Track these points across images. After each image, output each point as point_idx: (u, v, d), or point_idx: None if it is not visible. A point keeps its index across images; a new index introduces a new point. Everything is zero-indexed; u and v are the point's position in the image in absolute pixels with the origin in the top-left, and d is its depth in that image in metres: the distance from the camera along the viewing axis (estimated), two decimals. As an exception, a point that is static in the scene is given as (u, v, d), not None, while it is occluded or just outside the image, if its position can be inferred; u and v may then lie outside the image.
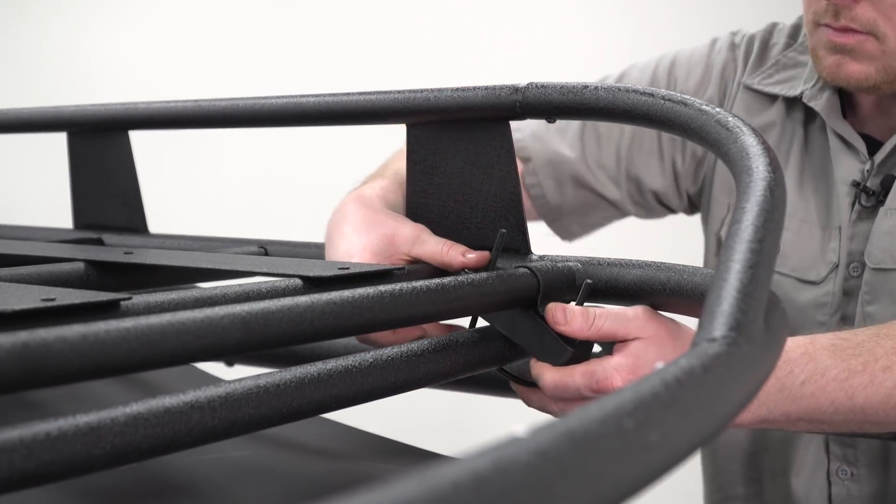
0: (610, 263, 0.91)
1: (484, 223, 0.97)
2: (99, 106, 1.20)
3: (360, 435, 1.02)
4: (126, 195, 1.20)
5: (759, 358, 0.56)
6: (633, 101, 0.86)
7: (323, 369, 0.73)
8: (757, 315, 0.58)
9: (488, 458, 0.37)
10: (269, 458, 0.91)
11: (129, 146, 1.19)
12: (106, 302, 0.67)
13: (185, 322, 0.60)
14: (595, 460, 0.40)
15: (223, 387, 0.67)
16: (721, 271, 0.60)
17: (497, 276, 0.84)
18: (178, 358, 0.61)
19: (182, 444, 0.64)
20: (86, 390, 1.06)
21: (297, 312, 0.65)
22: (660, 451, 0.44)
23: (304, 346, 1.19)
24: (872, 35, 1.21)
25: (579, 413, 0.42)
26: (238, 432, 0.68)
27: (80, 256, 0.91)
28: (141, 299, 0.70)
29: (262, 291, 0.76)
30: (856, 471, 1.33)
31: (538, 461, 0.38)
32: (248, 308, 0.63)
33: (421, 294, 0.74)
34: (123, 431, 0.61)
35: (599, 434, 0.41)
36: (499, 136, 0.94)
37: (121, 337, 0.57)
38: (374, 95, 0.97)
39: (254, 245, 1.06)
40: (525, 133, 1.49)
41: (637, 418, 0.43)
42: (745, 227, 0.64)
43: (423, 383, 0.82)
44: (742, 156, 0.74)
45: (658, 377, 0.47)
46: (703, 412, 0.48)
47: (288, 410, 0.70)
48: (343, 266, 0.84)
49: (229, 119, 1.07)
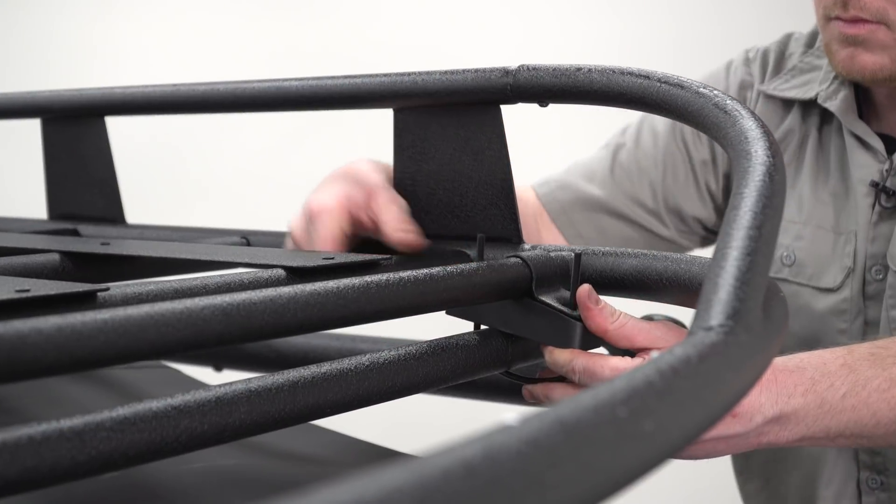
0: (605, 253, 0.92)
1: (474, 211, 0.97)
2: (74, 91, 1.20)
3: (352, 443, 1.02)
4: (103, 184, 1.20)
5: (756, 347, 0.57)
6: (629, 83, 0.87)
7: (317, 373, 0.74)
8: (755, 303, 0.59)
9: (478, 446, 0.38)
10: (256, 468, 0.92)
11: (106, 133, 1.20)
12: (82, 293, 0.68)
13: (164, 313, 0.60)
14: (587, 449, 0.41)
15: (213, 390, 0.68)
16: (718, 258, 0.61)
17: (488, 267, 0.85)
18: (157, 350, 0.61)
19: (170, 451, 0.65)
20: (63, 395, 1.07)
21: (279, 304, 0.66)
22: (654, 441, 0.45)
23: (297, 349, 1.20)
24: (883, 24, 1.25)
25: (572, 401, 0.43)
26: (228, 438, 0.68)
27: (55, 248, 0.92)
28: (118, 290, 0.70)
29: (244, 282, 0.76)
30: (885, 479, 1.35)
31: (529, 449, 0.39)
32: (229, 299, 0.64)
33: (408, 285, 0.75)
34: (109, 437, 0.61)
35: (592, 422, 0.42)
36: (489, 121, 0.95)
37: (98, 329, 0.57)
38: (359, 79, 0.98)
39: (236, 235, 1.07)
40: (552, 186, 1.51)
41: (631, 407, 0.44)
42: (743, 213, 0.65)
43: (422, 388, 0.83)
44: (741, 140, 0.75)
45: (653, 366, 0.48)
46: (698, 401, 0.49)
47: (281, 415, 0.71)
48: (328, 256, 0.85)
49: (209, 104, 1.08)
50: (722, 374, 0.52)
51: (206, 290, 0.74)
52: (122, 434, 0.62)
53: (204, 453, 0.69)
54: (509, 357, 0.91)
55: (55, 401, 1.04)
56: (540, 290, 0.89)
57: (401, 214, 0.98)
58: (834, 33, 1.29)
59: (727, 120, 0.78)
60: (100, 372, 1.15)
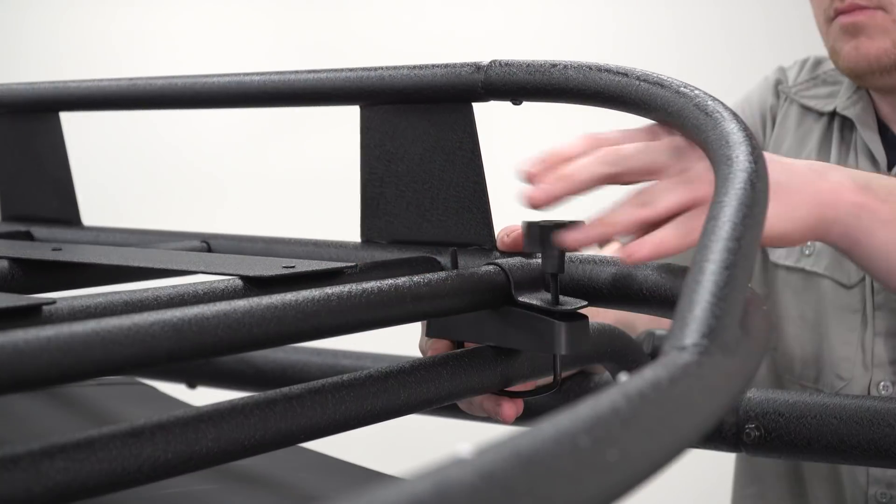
0: (583, 261, 0.91)
1: (446, 215, 0.96)
2: (26, 85, 1.19)
3: (332, 464, 1.01)
4: (57, 183, 1.19)
5: (733, 368, 0.56)
6: (606, 81, 0.86)
7: (291, 395, 0.73)
8: (732, 320, 0.58)
9: (429, 481, 0.38)
10: (235, 493, 0.91)
11: (60, 129, 1.19)
12: (26, 307, 0.67)
13: (110, 330, 0.60)
14: (545, 482, 0.40)
15: (178, 415, 0.67)
16: (694, 272, 0.61)
17: (458, 276, 0.83)
18: (104, 369, 0.61)
19: (132, 481, 0.64)
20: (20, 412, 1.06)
21: (234, 318, 0.65)
22: (619, 472, 0.44)
23: (275, 365, 1.19)
24: (881, 8, 1.34)
25: (531, 430, 0.42)
26: (195, 467, 0.68)
27: (4, 253, 0.91)
28: (65, 303, 0.69)
29: (199, 294, 0.75)
30: None
31: (483, 484, 0.38)
32: (180, 314, 0.63)
33: (371, 296, 0.74)
34: (67, 467, 0.61)
35: (551, 453, 0.41)
36: (461, 120, 0.94)
37: (41, 347, 0.57)
38: (323, 74, 0.97)
39: (196, 239, 1.06)
40: None
41: (594, 436, 0.43)
42: (721, 224, 0.64)
43: (405, 411, 0.82)
44: (721, 144, 0.74)
45: (619, 390, 0.47)
46: (667, 429, 0.48)
47: (251, 443, 0.70)
48: (288, 264, 0.84)
49: (167, 99, 1.07)
50: (693, 398, 0.51)
51: (157, 302, 0.73)
52: (81, 464, 0.61)
53: (178, 478, 0.68)
54: (498, 378, 0.90)
55: (10, 419, 1.04)
56: (519, 296, 0.87)
57: None
58: (836, 32, 1.37)
59: (708, 122, 0.77)
60: (66, 387, 1.14)
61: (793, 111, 1.54)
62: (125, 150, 3.18)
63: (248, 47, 3.26)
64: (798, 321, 1.44)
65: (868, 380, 1.38)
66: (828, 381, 1.41)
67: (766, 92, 1.58)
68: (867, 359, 1.38)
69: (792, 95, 1.54)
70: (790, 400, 1.00)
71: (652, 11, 3.05)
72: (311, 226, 1.64)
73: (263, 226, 1.39)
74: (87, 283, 0.94)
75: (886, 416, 0.96)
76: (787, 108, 1.54)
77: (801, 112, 1.53)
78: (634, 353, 1.06)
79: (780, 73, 1.59)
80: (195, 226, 1.20)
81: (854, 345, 1.39)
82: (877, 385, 1.38)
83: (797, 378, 1.44)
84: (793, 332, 1.43)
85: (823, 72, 1.55)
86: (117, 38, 3.25)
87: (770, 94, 1.57)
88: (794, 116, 1.53)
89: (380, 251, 0.98)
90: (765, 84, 1.59)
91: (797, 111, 1.54)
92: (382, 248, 0.98)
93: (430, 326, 0.93)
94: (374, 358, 1.22)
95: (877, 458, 0.97)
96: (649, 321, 1.26)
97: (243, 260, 0.88)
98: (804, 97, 1.53)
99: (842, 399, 0.99)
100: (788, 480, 1.49)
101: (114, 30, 3.25)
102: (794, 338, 1.44)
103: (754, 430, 1.00)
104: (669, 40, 2.95)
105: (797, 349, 1.44)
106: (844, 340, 1.40)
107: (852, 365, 1.39)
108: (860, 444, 0.97)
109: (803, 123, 1.52)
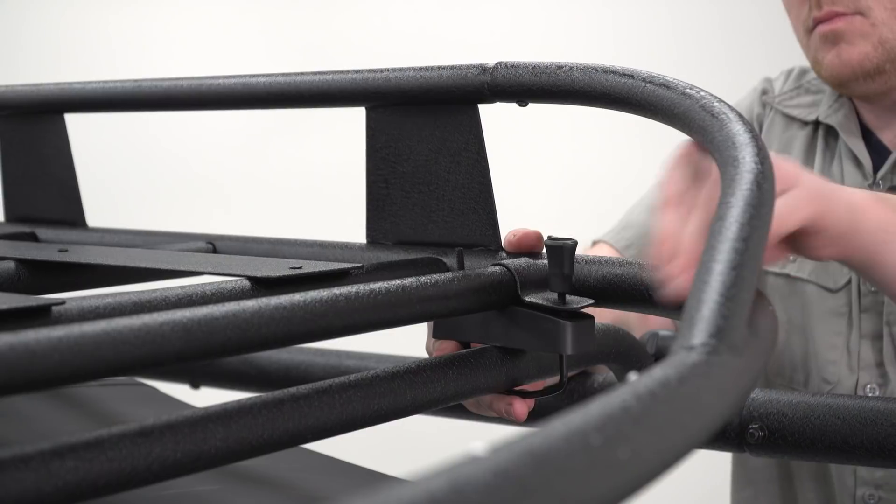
0: (588, 261, 0.92)
1: (451, 216, 0.97)
2: (31, 86, 1.20)
3: (335, 465, 1.01)
4: (62, 185, 1.20)
5: (741, 367, 0.57)
6: (612, 83, 0.87)
7: (299, 395, 0.74)
8: (740, 320, 0.59)
9: (444, 479, 0.38)
10: (237, 494, 0.91)
11: (65, 131, 1.19)
12: (36, 307, 0.67)
13: (121, 330, 0.60)
14: (558, 480, 0.41)
15: (187, 415, 0.68)
16: (702, 273, 0.61)
17: (465, 277, 0.84)
18: (114, 369, 0.61)
19: (142, 481, 0.65)
20: (27, 414, 1.06)
21: (243, 319, 0.65)
22: (629, 470, 0.45)
23: (279, 365, 1.20)
24: (858, 13, 1.34)
25: (543, 430, 0.43)
26: (203, 467, 0.68)
27: (10, 254, 0.91)
28: (75, 304, 0.70)
29: (207, 294, 0.76)
30: (884, 495, 1.38)
31: (497, 481, 0.39)
32: (189, 314, 0.63)
33: (379, 297, 0.74)
34: (77, 466, 0.61)
35: (564, 451, 0.42)
36: (466, 121, 0.94)
37: (52, 347, 0.57)
38: (329, 76, 0.98)
39: (201, 241, 1.06)
40: (616, 228, 1.56)
41: (605, 434, 0.44)
42: (728, 225, 0.65)
43: (411, 411, 0.82)
44: (728, 145, 0.74)
45: (629, 389, 0.48)
46: (677, 427, 0.49)
47: (259, 442, 0.71)
48: (295, 265, 0.84)
49: (172, 101, 1.08)
50: (702, 397, 0.52)
51: (166, 303, 0.73)
52: (91, 463, 0.62)
53: (180, 479, 0.69)
54: (506, 378, 0.90)
55: (18, 420, 1.04)
56: (525, 296, 0.88)
57: None
58: (816, 42, 1.38)
59: (714, 123, 0.78)
60: (68, 388, 1.15)
61: (778, 120, 1.55)
62: (129, 151, 3.18)
63: (249, 47, 3.26)
64: (785, 326, 1.45)
65: (854, 382, 1.39)
66: (815, 385, 1.42)
67: (754, 101, 1.59)
68: (853, 361, 1.39)
69: (776, 105, 1.55)
70: (793, 400, 1.01)
71: (657, 14, 3.05)
72: (315, 227, 1.64)
73: (268, 227, 1.39)
74: (94, 284, 0.94)
75: (889, 417, 0.96)
76: (773, 118, 1.56)
77: (786, 121, 1.55)
78: (638, 354, 1.06)
79: (767, 83, 1.60)
80: (199, 227, 1.20)
81: (840, 348, 1.40)
82: (863, 387, 1.38)
83: (787, 382, 1.45)
84: (781, 337, 1.44)
85: (807, 81, 1.56)
86: (117, 39, 3.26)
87: (757, 104, 1.59)
88: (779, 125, 1.55)
89: (385, 252, 0.98)
90: (752, 94, 1.61)
91: (782, 120, 1.55)
92: (388, 249, 0.99)
93: (436, 327, 0.94)
94: (378, 358, 1.23)
95: (880, 457, 0.98)
96: (647, 322, 1.27)
97: (250, 261, 0.88)
98: (787, 107, 1.54)
99: (845, 399, 1.00)
100: (780, 483, 1.50)
101: (113, 30, 3.26)
102: (782, 342, 1.45)
103: (758, 431, 1.01)
104: (674, 42, 2.95)
105: (786, 353, 1.45)
106: (830, 344, 1.41)
107: (838, 368, 1.40)
108: (863, 445, 0.97)
109: (788, 132, 1.54)
